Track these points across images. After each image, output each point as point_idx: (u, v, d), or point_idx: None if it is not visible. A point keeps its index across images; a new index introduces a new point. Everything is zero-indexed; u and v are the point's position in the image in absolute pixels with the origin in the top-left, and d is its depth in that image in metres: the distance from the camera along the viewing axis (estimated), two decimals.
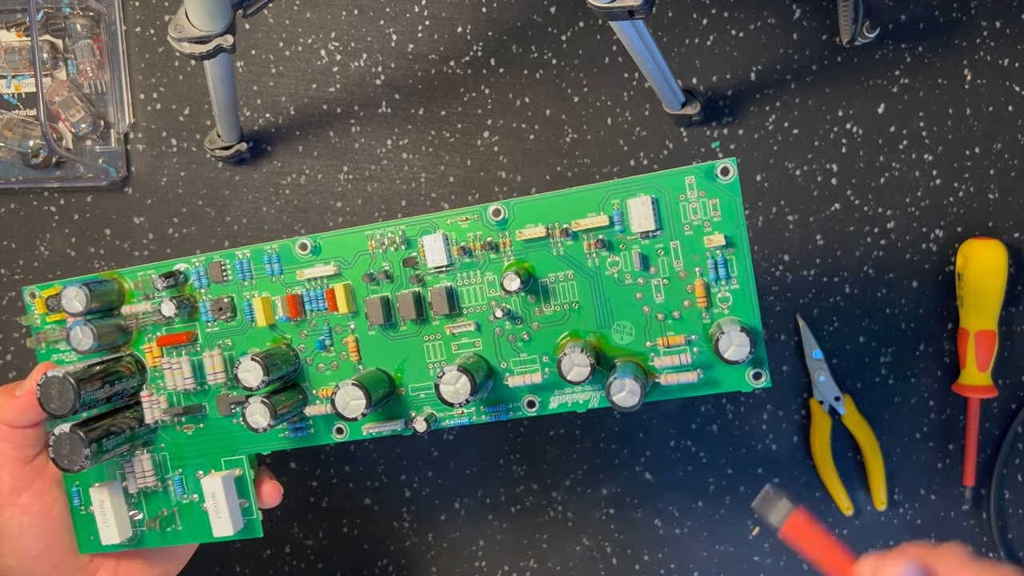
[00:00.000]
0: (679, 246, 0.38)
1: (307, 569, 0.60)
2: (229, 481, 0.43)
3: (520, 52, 0.57)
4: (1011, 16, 0.55)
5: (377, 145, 0.58)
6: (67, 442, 0.40)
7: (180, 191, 0.58)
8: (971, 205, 0.56)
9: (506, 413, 0.41)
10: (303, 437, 0.43)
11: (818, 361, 0.57)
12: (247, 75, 0.58)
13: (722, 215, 0.38)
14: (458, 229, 0.40)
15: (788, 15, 0.56)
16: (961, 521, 0.57)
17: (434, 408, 0.41)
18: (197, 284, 0.42)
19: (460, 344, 0.41)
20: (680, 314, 0.39)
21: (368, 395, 0.38)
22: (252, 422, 0.39)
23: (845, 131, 0.56)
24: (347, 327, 0.42)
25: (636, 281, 0.39)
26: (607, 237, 0.39)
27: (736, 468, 0.58)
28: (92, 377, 0.40)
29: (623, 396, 0.37)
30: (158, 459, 0.44)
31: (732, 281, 0.38)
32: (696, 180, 0.38)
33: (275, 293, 0.42)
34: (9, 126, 0.57)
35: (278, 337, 0.42)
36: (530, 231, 0.39)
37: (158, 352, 0.43)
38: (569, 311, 0.40)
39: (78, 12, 0.57)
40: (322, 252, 0.41)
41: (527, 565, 0.59)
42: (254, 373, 0.39)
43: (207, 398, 0.43)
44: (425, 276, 0.41)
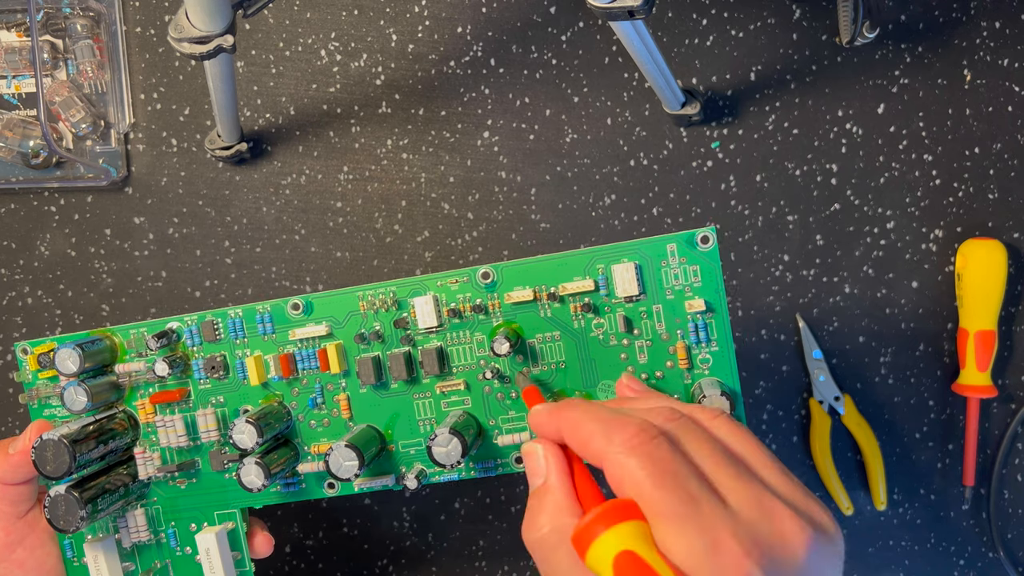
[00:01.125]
0: (661, 310, 0.40)
1: (307, 569, 0.60)
2: (223, 536, 0.43)
3: (520, 52, 0.57)
4: (1011, 16, 0.55)
5: (377, 145, 0.58)
6: (63, 504, 0.40)
7: (180, 191, 0.58)
8: (971, 205, 0.56)
9: (495, 469, 0.42)
10: (295, 492, 0.43)
11: (818, 361, 0.57)
12: (247, 75, 0.58)
13: (702, 281, 0.39)
14: (448, 291, 0.41)
15: (788, 15, 0.56)
16: (961, 521, 0.58)
17: (424, 464, 0.42)
18: (190, 342, 0.43)
19: (450, 402, 0.42)
20: (663, 374, 0.40)
21: (361, 456, 0.39)
22: (247, 482, 0.40)
23: (845, 131, 0.56)
24: (339, 385, 0.42)
25: (620, 343, 0.40)
26: (593, 301, 0.40)
27: None
28: (87, 437, 0.40)
29: None
30: (151, 513, 0.44)
31: (712, 344, 0.40)
32: (677, 247, 0.39)
33: (267, 352, 0.42)
34: (9, 126, 0.57)
35: (270, 395, 0.43)
36: (518, 294, 0.40)
37: (151, 409, 0.43)
38: (556, 370, 0.41)
39: (78, 12, 0.57)
40: (314, 312, 0.42)
41: (527, 565, 0.59)
42: (248, 435, 0.39)
43: (200, 454, 0.43)
44: (415, 336, 0.41)
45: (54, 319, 0.59)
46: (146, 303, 0.59)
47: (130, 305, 0.59)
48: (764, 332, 0.57)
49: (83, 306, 0.59)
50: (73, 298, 0.59)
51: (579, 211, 0.57)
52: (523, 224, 0.57)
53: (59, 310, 0.59)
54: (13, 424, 0.60)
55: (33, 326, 0.59)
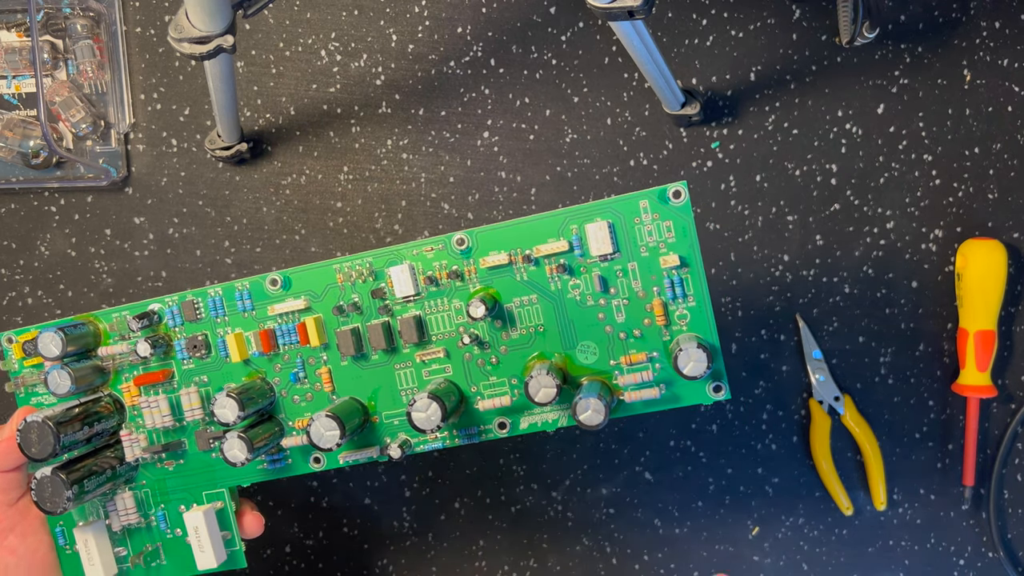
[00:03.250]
0: (636, 267, 0.40)
1: (307, 569, 0.60)
2: (211, 515, 0.43)
3: (520, 52, 0.57)
4: (1011, 16, 0.55)
5: (377, 145, 0.58)
6: (49, 485, 0.40)
7: (180, 191, 0.58)
8: (971, 205, 0.56)
9: (478, 436, 0.42)
10: (281, 468, 0.44)
11: (818, 361, 0.57)
12: (247, 75, 0.58)
13: (676, 236, 0.39)
14: (424, 259, 0.41)
15: (788, 15, 0.56)
16: (961, 521, 0.58)
17: (408, 434, 0.42)
18: (171, 323, 0.43)
19: (431, 371, 0.42)
20: (641, 332, 0.40)
21: (342, 425, 0.39)
22: (230, 457, 0.40)
23: (845, 131, 0.56)
24: (320, 359, 0.42)
25: (597, 302, 0.40)
26: (568, 261, 0.40)
27: (736, 468, 0.58)
28: (72, 419, 0.41)
29: (588, 415, 0.38)
30: (140, 496, 0.44)
31: (689, 299, 0.40)
32: (650, 203, 0.39)
33: (248, 329, 0.43)
34: (9, 126, 0.57)
35: (253, 371, 0.43)
36: (493, 258, 0.40)
37: (136, 391, 0.43)
38: (535, 334, 0.41)
39: (78, 12, 0.57)
40: (292, 287, 0.42)
41: (527, 565, 0.59)
42: (230, 409, 0.40)
43: (186, 434, 0.44)
44: (393, 306, 0.42)
45: (54, 319, 0.59)
46: None
47: None
48: (764, 332, 0.57)
49: (83, 306, 0.59)
50: (73, 298, 0.59)
51: None
52: None
53: (59, 310, 0.59)
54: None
55: None
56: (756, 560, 0.58)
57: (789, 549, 0.58)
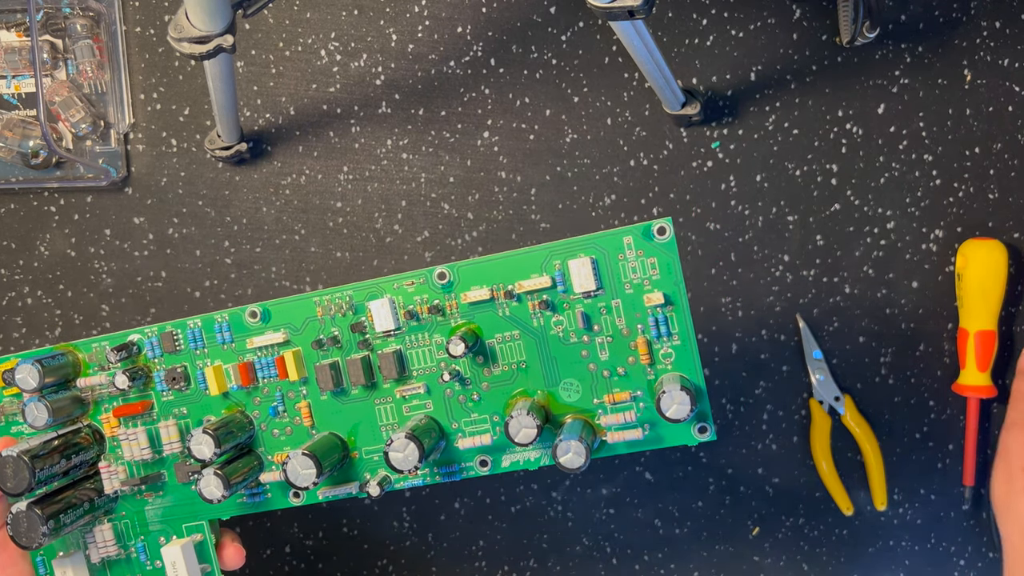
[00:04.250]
0: (620, 304, 0.39)
1: (307, 569, 0.60)
2: (189, 548, 0.43)
3: (520, 52, 0.57)
4: (1011, 16, 0.55)
5: (377, 145, 0.58)
6: (24, 520, 0.40)
7: (180, 191, 0.58)
8: (971, 205, 0.56)
9: (459, 473, 0.41)
10: (261, 502, 0.43)
11: (818, 361, 0.57)
12: (247, 75, 0.58)
13: (660, 274, 0.39)
14: (404, 293, 0.41)
15: (788, 15, 0.56)
16: (961, 521, 0.57)
17: (387, 471, 0.41)
18: (151, 354, 0.43)
19: (411, 406, 0.41)
20: (625, 371, 0.40)
21: (319, 464, 0.38)
22: (207, 493, 0.39)
23: (845, 131, 0.56)
24: (299, 393, 0.42)
25: (581, 339, 0.40)
26: (551, 298, 0.39)
27: (736, 468, 0.58)
28: (50, 452, 0.40)
29: (569, 458, 0.37)
30: (120, 528, 0.44)
31: (674, 338, 0.39)
32: (634, 240, 0.39)
33: (227, 361, 0.42)
34: (9, 126, 0.57)
35: (232, 404, 0.42)
36: (475, 293, 0.40)
37: (115, 422, 0.43)
38: (517, 371, 0.40)
39: (78, 12, 0.57)
40: (272, 319, 0.42)
41: (527, 565, 0.59)
42: (207, 445, 0.39)
43: (165, 466, 0.43)
44: (373, 341, 0.41)
45: (54, 319, 0.59)
46: (146, 303, 0.59)
47: (130, 305, 0.59)
48: (764, 332, 0.57)
49: (83, 306, 0.59)
50: (73, 298, 0.59)
51: (579, 211, 0.57)
52: (523, 224, 0.57)
53: (59, 310, 0.59)
54: None
55: (33, 326, 0.59)
56: (756, 560, 0.58)
57: (789, 549, 0.58)
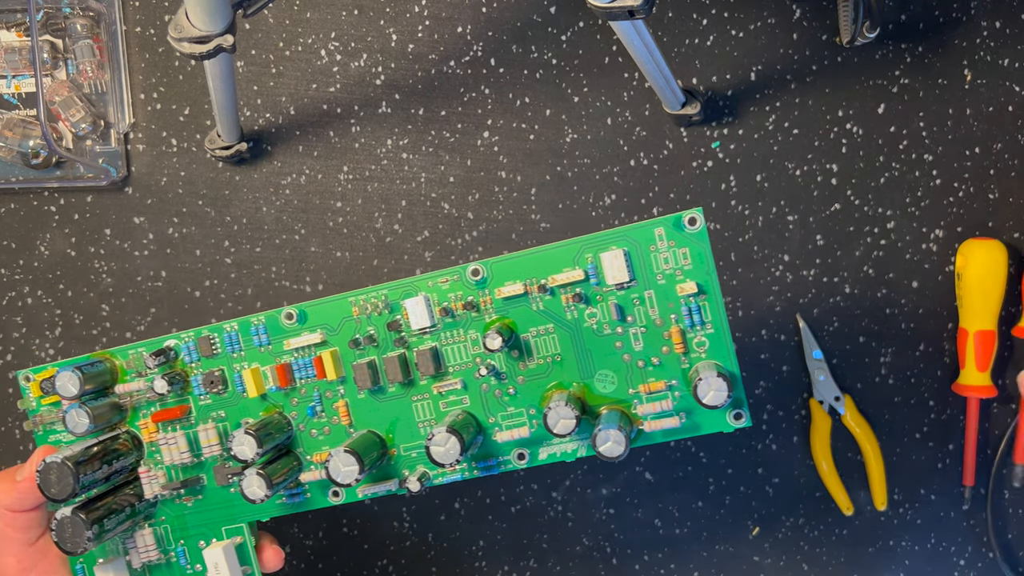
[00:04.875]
0: (653, 295, 0.39)
1: (307, 569, 0.60)
2: (230, 550, 0.43)
3: (520, 52, 0.57)
4: (1011, 16, 0.55)
5: (377, 145, 0.58)
6: (69, 525, 0.40)
7: (180, 191, 0.58)
8: (971, 205, 0.56)
9: (497, 467, 0.41)
10: (300, 502, 0.44)
11: (818, 361, 0.57)
12: (247, 75, 0.58)
13: (692, 263, 0.39)
14: (439, 290, 0.41)
15: (788, 15, 0.56)
16: (961, 521, 0.57)
17: (426, 467, 0.42)
18: (188, 359, 0.43)
19: (448, 402, 0.42)
20: (659, 360, 0.40)
21: (360, 461, 0.39)
22: (249, 494, 0.40)
23: (845, 131, 0.56)
24: (337, 392, 0.42)
25: (615, 331, 0.40)
26: (584, 291, 0.40)
27: (736, 468, 0.58)
28: (90, 459, 0.41)
29: (609, 447, 0.37)
30: (160, 532, 0.44)
31: (707, 326, 0.39)
32: (665, 231, 0.39)
33: (264, 363, 0.42)
34: (9, 126, 0.57)
35: (270, 406, 0.43)
36: (509, 288, 0.40)
37: (154, 428, 0.43)
38: (552, 364, 0.41)
39: (78, 12, 0.57)
40: (308, 320, 0.42)
41: (527, 565, 0.59)
42: (248, 446, 0.39)
43: (204, 470, 0.43)
44: (409, 338, 0.41)
45: (54, 319, 0.59)
46: (146, 303, 0.59)
47: (130, 305, 0.59)
48: (764, 332, 0.57)
49: (83, 306, 0.59)
50: (73, 298, 0.59)
51: (579, 211, 0.57)
52: (523, 224, 0.57)
53: (59, 310, 0.59)
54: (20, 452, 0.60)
55: (33, 326, 0.59)
56: (756, 560, 0.58)
57: (789, 549, 0.58)
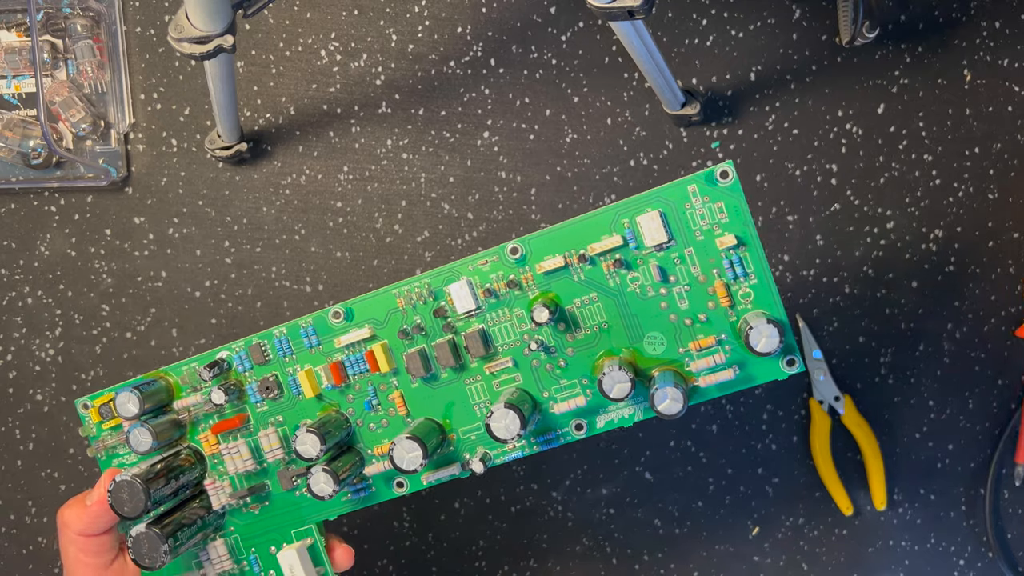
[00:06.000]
0: (693, 252, 0.39)
1: None
2: (303, 551, 0.43)
3: (520, 52, 0.57)
4: (1011, 16, 0.55)
5: (377, 145, 0.58)
6: (145, 541, 0.41)
7: (180, 191, 0.58)
8: (971, 205, 0.56)
9: (556, 440, 0.42)
10: (366, 497, 0.44)
11: (818, 361, 0.57)
12: (247, 75, 0.58)
13: (729, 216, 0.39)
14: (480, 273, 0.41)
15: (788, 15, 0.56)
16: (961, 521, 0.58)
17: (487, 447, 0.42)
18: (241, 368, 0.43)
19: (501, 382, 0.42)
20: (706, 316, 0.40)
21: (423, 446, 0.39)
22: (318, 491, 0.40)
23: (845, 131, 0.56)
24: (391, 384, 0.43)
25: (659, 292, 0.40)
26: (623, 256, 0.40)
27: (736, 468, 0.58)
28: (157, 475, 0.41)
29: (667, 404, 0.37)
30: (231, 543, 0.45)
31: (750, 277, 0.39)
32: (698, 187, 0.39)
33: (317, 364, 0.43)
34: (9, 126, 0.57)
35: (327, 405, 0.43)
36: (549, 263, 0.40)
37: (214, 440, 0.44)
38: (600, 332, 0.41)
39: (78, 12, 0.57)
40: (355, 317, 0.42)
41: (527, 565, 0.59)
42: (311, 444, 0.40)
43: (268, 476, 0.44)
44: (456, 323, 0.42)
45: (54, 319, 0.59)
46: (146, 303, 0.59)
47: (130, 305, 0.59)
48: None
49: (83, 306, 0.59)
50: (73, 298, 0.59)
51: (579, 211, 0.57)
52: (523, 224, 0.57)
53: (59, 310, 0.59)
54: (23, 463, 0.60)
55: (33, 326, 0.59)
56: (756, 560, 0.58)
57: (789, 549, 0.58)
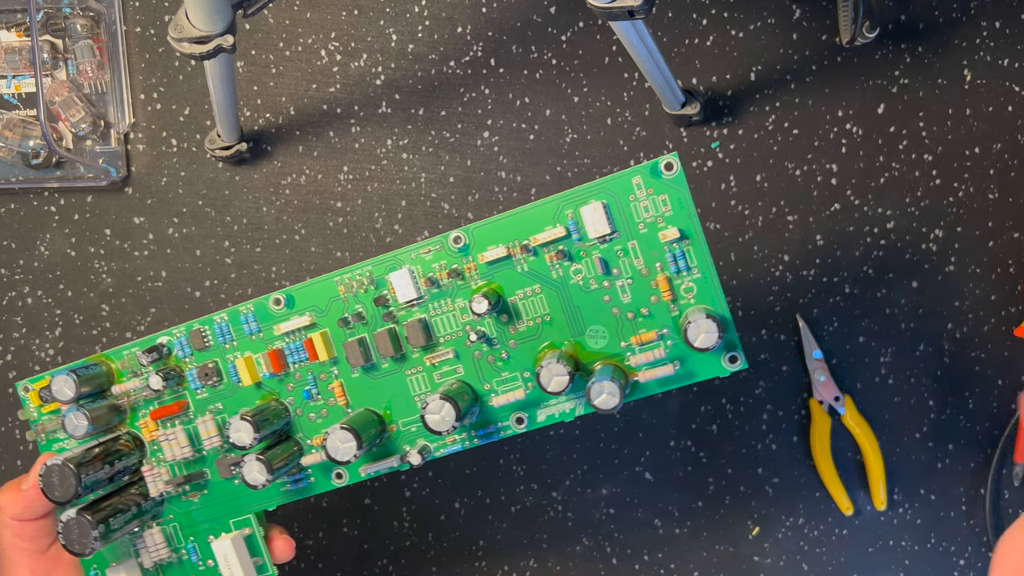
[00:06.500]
0: (637, 245, 0.39)
1: (307, 569, 0.60)
2: (239, 541, 0.43)
3: (520, 52, 0.57)
4: (1011, 16, 0.55)
5: (377, 145, 0.58)
6: (75, 527, 0.40)
7: (180, 191, 0.58)
8: (971, 205, 0.56)
9: (496, 434, 0.41)
10: (304, 487, 0.43)
11: (818, 361, 0.57)
12: (247, 75, 0.58)
13: (673, 209, 0.39)
14: (423, 262, 0.41)
15: (788, 15, 0.56)
16: (961, 521, 0.58)
17: (427, 440, 0.42)
18: (181, 354, 0.43)
19: (442, 373, 0.41)
20: (648, 310, 0.39)
21: (358, 436, 0.39)
22: (250, 479, 0.40)
23: (845, 131, 0.56)
24: (331, 373, 0.42)
25: (601, 285, 0.40)
26: (567, 247, 0.39)
27: (736, 468, 0.58)
28: (92, 460, 0.41)
29: (604, 399, 0.37)
30: (169, 531, 0.44)
31: (693, 271, 0.39)
32: (643, 179, 0.39)
33: (257, 351, 0.42)
34: (9, 126, 0.57)
35: (266, 394, 0.43)
36: (492, 253, 0.40)
37: (153, 426, 0.44)
38: (542, 324, 0.40)
39: (78, 12, 0.57)
40: (296, 304, 0.42)
41: (527, 565, 0.59)
42: (245, 432, 0.40)
43: (207, 464, 0.44)
44: (397, 312, 0.41)
45: (54, 319, 0.59)
46: (146, 303, 0.59)
47: (130, 305, 0.59)
48: (764, 332, 0.57)
49: (83, 306, 0.59)
50: (73, 298, 0.59)
51: None
52: None
53: (59, 310, 0.59)
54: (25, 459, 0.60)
55: (33, 326, 0.59)
56: (756, 560, 0.58)
57: (789, 549, 0.58)
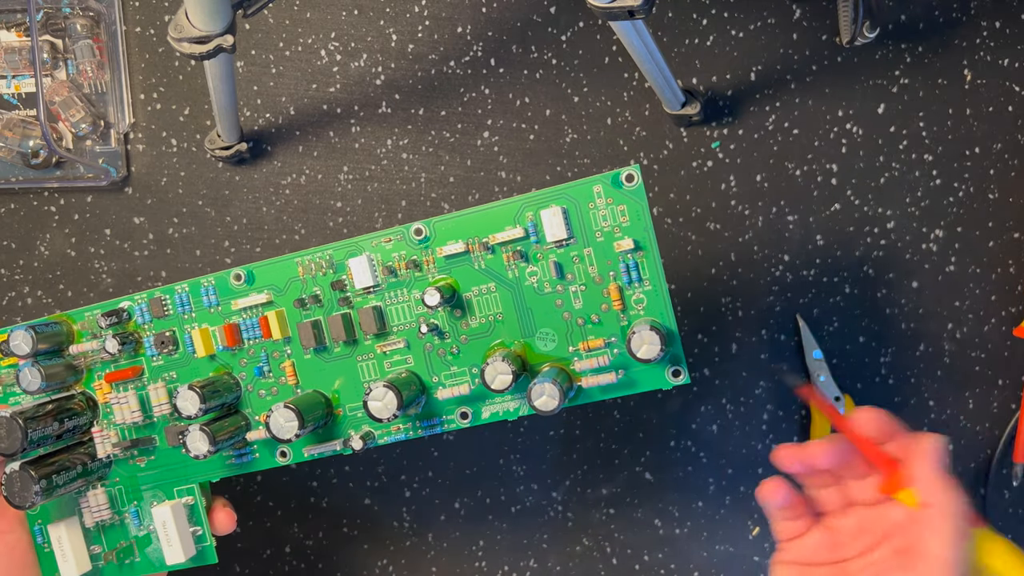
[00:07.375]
0: (592, 253, 0.40)
1: (307, 569, 0.60)
2: (179, 509, 0.44)
3: (520, 52, 0.57)
4: (1011, 16, 0.55)
5: (377, 145, 0.58)
6: (18, 480, 0.41)
7: (180, 191, 0.58)
8: (971, 205, 0.56)
9: (440, 426, 0.42)
10: (248, 462, 0.44)
11: (818, 361, 0.57)
12: (247, 75, 0.58)
13: (630, 220, 0.39)
14: (383, 250, 0.41)
15: (788, 15, 0.56)
16: None
17: (371, 426, 0.42)
18: (140, 320, 0.44)
19: (392, 362, 0.42)
20: (599, 318, 0.40)
21: (301, 417, 0.39)
22: (193, 449, 0.40)
23: (845, 131, 0.56)
24: (283, 352, 0.43)
25: (555, 289, 0.40)
26: (524, 248, 0.40)
27: (736, 468, 0.58)
28: (43, 416, 0.41)
29: (543, 401, 0.38)
30: (113, 493, 0.45)
31: (645, 283, 0.40)
32: (603, 188, 0.39)
33: (214, 324, 0.43)
34: (9, 126, 0.57)
35: (220, 367, 0.43)
36: (451, 247, 0.40)
37: (108, 388, 0.44)
38: (494, 322, 0.41)
39: (78, 12, 0.57)
40: (256, 281, 0.43)
41: (527, 565, 0.59)
42: (191, 402, 0.40)
43: (156, 430, 0.44)
44: (353, 298, 0.42)
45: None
46: None
47: None
48: (764, 332, 0.57)
49: (83, 306, 0.59)
50: (73, 298, 0.59)
51: None
52: None
53: (59, 310, 0.59)
54: None
55: None
56: (756, 560, 0.58)
57: None
